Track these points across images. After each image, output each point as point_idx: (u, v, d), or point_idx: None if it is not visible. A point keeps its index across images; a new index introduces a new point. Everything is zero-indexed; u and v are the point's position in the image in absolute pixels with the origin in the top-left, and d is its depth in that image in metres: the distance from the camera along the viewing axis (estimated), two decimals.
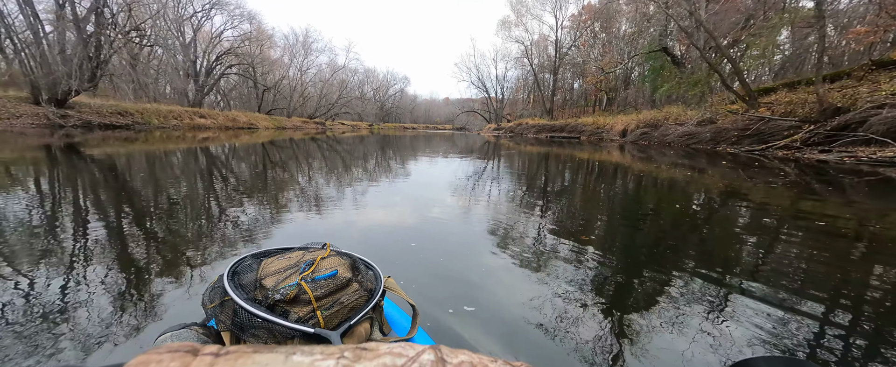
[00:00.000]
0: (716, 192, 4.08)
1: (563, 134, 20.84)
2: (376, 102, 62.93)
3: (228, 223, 2.41)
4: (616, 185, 4.71)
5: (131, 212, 2.61)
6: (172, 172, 4.79)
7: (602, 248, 2.07)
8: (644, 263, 1.84)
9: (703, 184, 4.65)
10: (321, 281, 0.69)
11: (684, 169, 6.26)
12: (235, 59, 30.96)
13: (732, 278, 1.66)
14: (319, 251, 0.83)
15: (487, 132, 33.67)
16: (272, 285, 0.69)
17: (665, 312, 1.34)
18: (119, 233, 2.11)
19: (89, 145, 7.56)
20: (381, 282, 0.79)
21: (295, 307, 0.65)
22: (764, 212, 3.10)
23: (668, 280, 1.61)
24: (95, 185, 3.59)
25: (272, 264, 0.77)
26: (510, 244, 2.11)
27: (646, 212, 3.15)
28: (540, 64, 33.29)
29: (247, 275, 0.75)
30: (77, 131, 13.20)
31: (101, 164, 5.13)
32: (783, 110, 8.13)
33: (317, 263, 0.76)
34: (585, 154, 9.84)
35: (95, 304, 1.30)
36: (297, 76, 40.84)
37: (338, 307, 0.67)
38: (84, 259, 1.72)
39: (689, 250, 2.05)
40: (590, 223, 2.67)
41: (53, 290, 1.40)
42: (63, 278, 1.51)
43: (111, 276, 1.54)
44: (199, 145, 9.18)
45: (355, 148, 10.75)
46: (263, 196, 3.36)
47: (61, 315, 1.23)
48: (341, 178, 4.75)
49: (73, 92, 14.67)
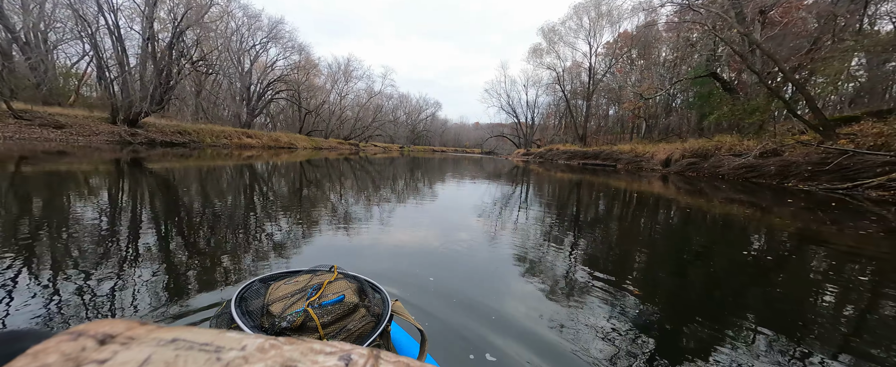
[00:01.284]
0: (787, 235, 3.50)
1: (597, 161, 19.73)
2: (408, 125, 65.30)
3: (250, 238, 2.47)
4: (664, 221, 4.22)
5: (157, 225, 2.71)
6: (214, 186, 5.21)
7: (646, 298, 1.77)
8: (695, 321, 1.55)
9: (769, 224, 4.04)
10: (328, 307, 0.69)
11: (743, 206, 5.49)
12: (284, 85, 33.90)
13: (809, 347, 1.36)
14: (327, 275, 0.83)
15: (516, 157, 33.07)
16: (279, 312, 0.68)
17: None
18: (142, 243, 2.21)
19: (149, 160, 8.41)
20: (388, 306, 0.77)
21: (302, 335, 0.60)
22: (853, 263, 2.56)
23: (723, 344, 1.33)
24: (143, 197, 3.94)
25: (280, 288, 0.77)
26: (536, 284, 1.90)
27: (702, 253, 2.75)
28: (572, 90, 32.70)
29: (254, 301, 0.75)
30: (142, 148, 14.89)
31: (157, 177, 5.72)
32: (872, 143, 6.87)
33: (324, 287, 0.76)
34: (623, 183, 9.19)
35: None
36: (337, 100, 43.75)
37: (345, 335, 0.67)
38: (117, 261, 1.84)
39: (752, 307, 1.71)
40: (631, 267, 2.35)
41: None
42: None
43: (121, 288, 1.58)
44: (242, 163, 9.80)
45: (385, 169, 10.95)
46: (288, 212, 3.45)
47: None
48: (368, 198, 4.82)
49: (143, 113, 16.58)
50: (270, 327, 0.66)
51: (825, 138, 7.68)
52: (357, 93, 48.26)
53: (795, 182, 7.54)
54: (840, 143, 7.30)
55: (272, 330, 0.65)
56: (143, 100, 16.70)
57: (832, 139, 7.53)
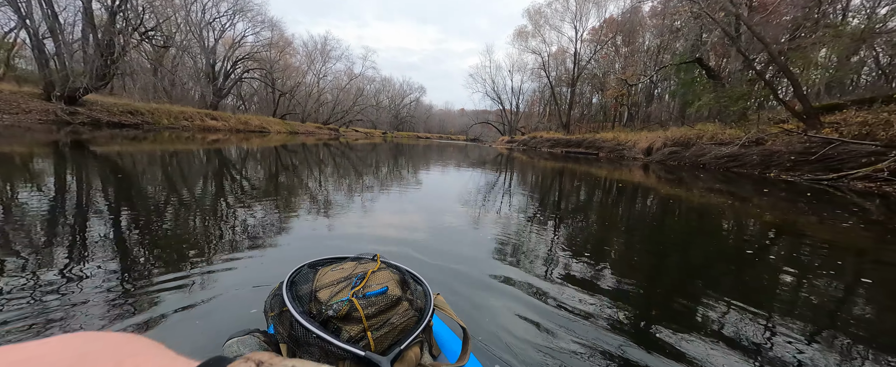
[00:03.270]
0: (764, 226, 3.48)
1: (579, 149, 19.50)
2: (391, 110, 63.26)
3: (221, 227, 2.34)
4: (642, 211, 4.16)
5: (106, 214, 2.48)
6: (175, 172, 4.72)
7: (620, 281, 1.83)
8: (669, 310, 1.56)
9: (747, 215, 4.04)
10: (372, 298, 0.69)
11: (722, 196, 5.35)
12: (254, 63, 31.52)
13: (778, 335, 1.35)
14: (370, 264, 0.83)
15: (500, 144, 32.65)
16: (326, 299, 0.70)
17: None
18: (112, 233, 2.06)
19: (94, 143, 7.50)
20: (430, 301, 0.78)
21: (347, 325, 0.65)
22: (830, 255, 2.56)
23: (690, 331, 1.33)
24: (90, 185, 3.47)
25: (327, 274, 0.79)
26: (516, 274, 1.85)
27: (676, 242, 2.78)
28: (557, 77, 32.24)
29: (303, 286, 0.77)
30: (85, 129, 13.32)
31: (104, 162, 5.02)
32: (857, 132, 6.66)
33: (368, 277, 0.76)
34: (604, 172, 8.96)
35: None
36: (314, 82, 41.40)
37: (388, 329, 0.67)
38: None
39: (718, 298, 1.68)
40: (605, 257, 2.31)
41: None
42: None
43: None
44: (207, 147, 8.92)
45: (368, 156, 10.44)
46: (264, 201, 3.23)
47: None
48: (357, 186, 4.62)
49: (83, 89, 14.70)
50: (317, 313, 0.68)
51: (809, 127, 7.48)
52: (336, 74, 45.91)
53: (777, 172, 7.33)
54: (824, 132, 7.09)
55: (319, 317, 0.67)
56: (83, 75, 14.77)
57: (816, 128, 7.32)
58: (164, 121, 19.63)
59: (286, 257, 1.88)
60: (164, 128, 19.05)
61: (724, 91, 10.12)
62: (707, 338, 1.30)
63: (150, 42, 19.83)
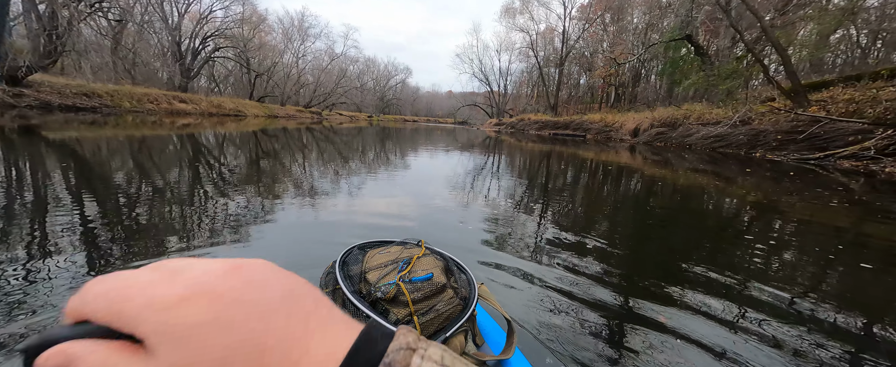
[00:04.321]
0: (746, 205, 3.52)
1: (567, 131, 19.31)
2: (376, 92, 61.18)
3: (203, 216, 2.26)
4: (626, 192, 4.19)
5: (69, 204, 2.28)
6: (143, 159, 4.36)
7: (603, 262, 1.82)
8: (648, 288, 1.57)
9: (731, 194, 4.06)
10: (418, 283, 0.71)
11: (707, 176, 5.33)
12: (225, 41, 29.39)
13: (750, 310, 1.40)
14: (416, 249, 0.86)
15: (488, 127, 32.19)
16: (375, 281, 0.72)
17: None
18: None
19: (46, 128, 6.91)
20: (474, 290, 0.78)
21: (394, 307, 0.67)
22: (809, 232, 2.65)
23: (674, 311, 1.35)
24: (46, 174, 3.17)
25: (375, 257, 0.82)
26: (504, 259, 1.80)
27: (657, 225, 2.75)
28: (545, 57, 31.57)
29: (353, 266, 0.81)
30: (33, 113, 12.20)
31: (60, 148, 4.58)
32: (843, 110, 6.57)
33: (413, 262, 0.78)
34: (591, 154, 8.84)
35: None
36: (293, 62, 39.21)
37: (433, 315, 0.68)
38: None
39: (696, 278, 1.68)
40: (591, 237, 2.28)
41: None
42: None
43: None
44: (177, 132, 8.31)
45: (353, 140, 10.11)
46: (247, 188, 3.11)
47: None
48: (338, 171, 4.44)
49: (26, 68, 13.23)
50: (367, 294, 0.70)
51: (796, 105, 7.36)
52: (316, 54, 43.61)
53: (763, 152, 7.26)
54: (811, 110, 6.99)
55: (368, 298, 0.69)
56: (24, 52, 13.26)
57: (803, 106, 7.21)
58: (126, 104, 18.21)
59: (273, 244, 1.85)
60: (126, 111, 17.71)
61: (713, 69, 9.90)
62: (684, 311, 1.34)
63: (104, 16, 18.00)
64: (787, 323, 1.31)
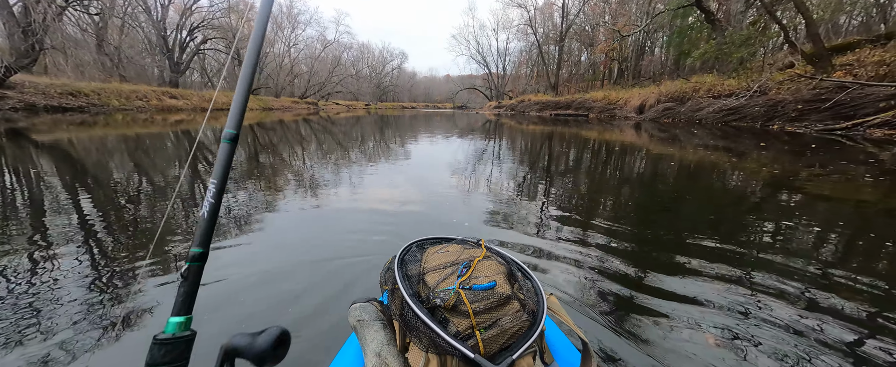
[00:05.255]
0: (762, 182, 3.24)
1: (569, 111, 18.66)
2: (372, 79, 59.82)
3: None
4: (629, 173, 3.97)
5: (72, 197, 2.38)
6: (143, 160, 4.26)
7: (607, 244, 1.80)
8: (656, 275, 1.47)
9: (745, 170, 3.75)
10: (479, 292, 0.66)
11: (718, 152, 4.96)
12: (213, 32, 28.42)
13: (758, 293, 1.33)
14: (476, 249, 0.82)
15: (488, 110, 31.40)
16: (433, 284, 0.69)
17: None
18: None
19: (35, 131, 6.84)
20: (543, 303, 0.72)
21: (454, 317, 0.63)
22: (834, 210, 2.43)
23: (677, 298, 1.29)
24: (41, 179, 3.07)
25: (433, 256, 0.79)
26: (508, 237, 1.88)
27: (663, 205, 2.62)
28: (544, 34, 30.29)
29: (412, 265, 0.77)
30: (19, 115, 11.92)
31: (54, 151, 4.47)
32: (873, 74, 5.98)
33: (474, 266, 0.74)
34: (594, 133, 8.45)
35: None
36: (285, 51, 38.12)
37: (497, 331, 0.63)
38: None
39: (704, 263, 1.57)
40: (594, 219, 2.20)
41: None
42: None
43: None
44: (172, 130, 8.25)
45: (352, 129, 10.03)
46: (251, 182, 3.12)
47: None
48: (339, 161, 4.41)
49: (4, 69, 12.75)
50: (426, 298, 0.67)
51: (819, 70, 6.74)
52: (308, 42, 42.34)
53: (781, 124, 6.74)
54: (835, 75, 6.38)
55: (427, 303, 0.66)
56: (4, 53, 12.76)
57: (827, 71, 6.60)
58: (114, 102, 17.72)
59: (281, 236, 1.86)
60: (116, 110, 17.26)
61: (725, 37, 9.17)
62: (689, 304, 1.26)
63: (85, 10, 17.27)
64: (806, 308, 1.22)
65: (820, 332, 1.09)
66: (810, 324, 1.13)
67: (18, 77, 14.31)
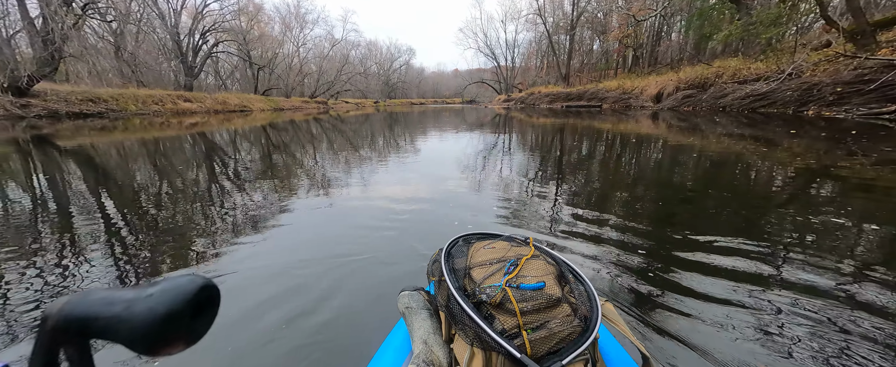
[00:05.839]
0: (795, 172, 2.96)
1: (581, 102, 18.03)
2: (381, 77, 59.83)
3: (240, 211, 2.32)
4: (645, 165, 3.76)
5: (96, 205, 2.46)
6: (164, 162, 4.44)
7: (622, 240, 1.73)
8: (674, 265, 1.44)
9: (774, 160, 3.46)
10: (527, 292, 0.64)
11: (745, 141, 4.59)
12: (224, 35, 28.93)
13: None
14: (524, 248, 0.81)
15: (497, 104, 30.85)
16: (479, 279, 0.69)
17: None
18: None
19: (59, 137, 7.04)
20: (597, 309, 0.67)
21: (500, 315, 0.63)
22: (879, 203, 2.14)
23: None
24: (70, 185, 3.19)
25: (480, 251, 0.78)
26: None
27: (682, 198, 2.47)
28: (554, 23, 29.33)
29: (458, 259, 0.77)
30: (43, 122, 12.44)
31: (79, 157, 4.63)
32: None
33: (521, 264, 0.72)
34: (608, 125, 8.08)
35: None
36: (294, 52, 38.49)
37: (546, 333, 0.61)
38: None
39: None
40: (608, 214, 2.12)
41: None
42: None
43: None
44: (188, 132, 8.50)
45: (361, 127, 10.14)
46: (266, 182, 3.18)
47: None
48: (349, 159, 4.45)
49: (25, 78, 13.26)
50: (472, 293, 0.67)
51: (861, 48, 6.11)
52: (316, 41, 42.63)
53: (817, 109, 6.18)
54: (881, 53, 5.76)
55: (473, 298, 0.66)
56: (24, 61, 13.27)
57: (871, 49, 5.97)
58: (132, 107, 18.28)
59: (295, 232, 1.93)
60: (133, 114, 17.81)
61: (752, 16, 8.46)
62: (711, 303, 1.17)
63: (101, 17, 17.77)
64: (844, 313, 1.10)
65: (862, 334, 1.01)
66: (859, 329, 1.03)
67: (41, 85, 14.90)
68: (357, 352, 0.99)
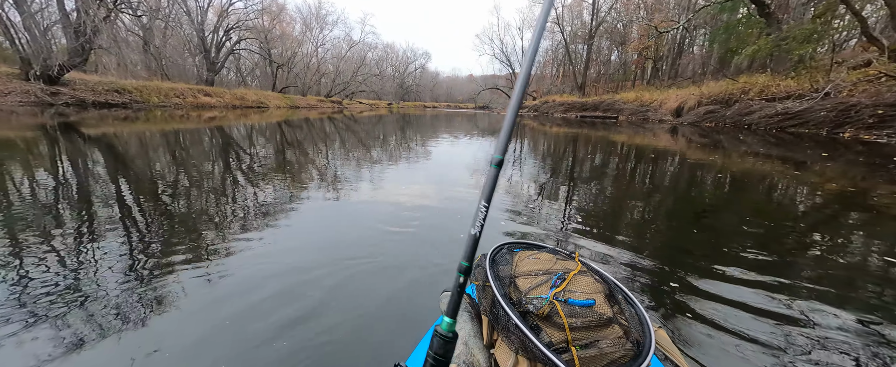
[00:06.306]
0: (824, 197, 2.75)
1: (596, 113, 17.66)
2: (396, 79, 60.45)
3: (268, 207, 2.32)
4: (661, 182, 3.59)
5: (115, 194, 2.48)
6: (184, 154, 4.55)
7: (633, 261, 1.64)
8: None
9: (805, 183, 3.22)
10: (577, 308, 0.63)
11: (771, 162, 4.31)
12: (247, 32, 29.74)
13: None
14: (570, 262, 0.79)
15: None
16: (525, 290, 0.68)
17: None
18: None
19: (84, 125, 7.31)
20: (650, 334, 0.64)
21: (548, 328, 0.61)
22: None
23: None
24: (90, 172, 3.27)
25: (524, 261, 0.78)
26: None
27: (699, 219, 2.28)
28: (572, 32, 29.03)
29: (503, 266, 0.77)
30: (70, 110, 12.92)
31: (101, 144, 4.81)
32: None
33: (569, 279, 0.71)
34: (623, 137, 7.87)
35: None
36: (312, 52, 39.28)
37: (596, 352, 0.59)
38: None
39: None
40: (620, 233, 2.02)
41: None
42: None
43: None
44: (206, 125, 8.72)
45: (374, 128, 10.26)
46: (275, 176, 3.25)
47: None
48: (361, 160, 4.52)
49: (57, 67, 13.82)
50: (517, 302, 0.66)
51: None
52: (335, 42, 43.43)
53: (854, 131, 5.78)
54: None
55: (518, 307, 0.65)
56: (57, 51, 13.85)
57: None
58: (154, 99, 18.82)
59: (306, 227, 1.95)
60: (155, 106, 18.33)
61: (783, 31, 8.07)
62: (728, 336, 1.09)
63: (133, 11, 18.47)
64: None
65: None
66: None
67: (71, 75, 15.50)
68: (361, 352, 0.98)
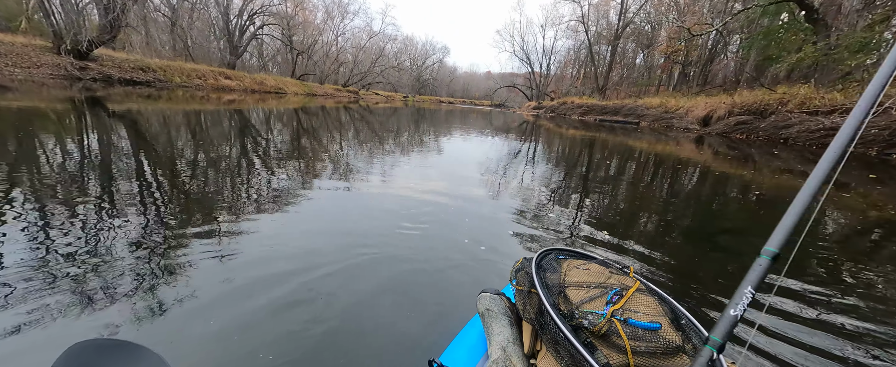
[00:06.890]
0: (867, 224, 2.51)
1: (616, 118, 17.02)
2: (413, 72, 60.25)
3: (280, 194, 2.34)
4: (681, 193, 3.44)
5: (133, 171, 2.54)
6: (205, 135, 4.66)
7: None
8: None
9: (844, 208, 2.88)
10: (639, 330, 0.58)
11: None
12: (269, 18, 30.08)
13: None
14: (625, 278, 0.73)
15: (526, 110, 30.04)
16: (577, 302, 0.64)
17: None
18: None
19: (110, 100, 7.56)
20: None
21: (605, 347, 0.57)
22: None
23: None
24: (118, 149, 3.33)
25: (574, 271, 0.75)
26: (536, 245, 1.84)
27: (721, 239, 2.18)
28: (597, 33, 28.05)
29: (551, 274, 0.74)
30: (97, 85, 13.32)
31: (126, 121, 4.95)
32: None
33: (628, 296, 0.65)
34: (644, 144, 7.51)
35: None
36: (332, 40, 39.47)
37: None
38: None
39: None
40: (634, 249, 1.91)
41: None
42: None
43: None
44: (226, 108, 8.84)
45: (389, 120, 10.25)
46: (292, 163, 3.30)
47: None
48: (374, 151, 4.57)
49: (86, 43, 14.23)
50: (568, 314, 0.63)
51: None
52: (354, 32, 43.50)
53: None
54: None
55: (570, 318, 0.61)
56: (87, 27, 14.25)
57: None
58: (177, 79, 19.22)
59: (318, 213, 1.98)
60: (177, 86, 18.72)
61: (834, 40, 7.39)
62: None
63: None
64: None
65: None
66: None
67: (99, 51, 15.97)
68: (389, 346, 0.99)
